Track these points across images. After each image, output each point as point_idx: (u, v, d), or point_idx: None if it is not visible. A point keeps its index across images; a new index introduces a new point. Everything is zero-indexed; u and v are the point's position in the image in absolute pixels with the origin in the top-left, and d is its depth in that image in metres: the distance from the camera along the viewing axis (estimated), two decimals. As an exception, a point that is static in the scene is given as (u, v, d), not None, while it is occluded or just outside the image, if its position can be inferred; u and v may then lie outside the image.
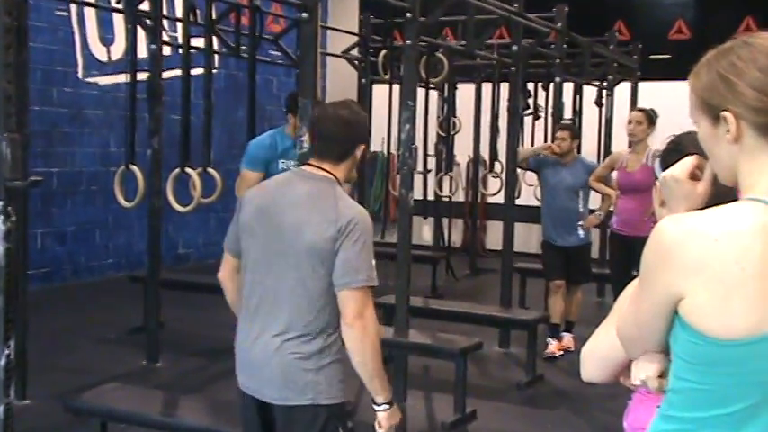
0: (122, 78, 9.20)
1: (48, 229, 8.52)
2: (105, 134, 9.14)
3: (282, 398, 2.61)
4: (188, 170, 4.60)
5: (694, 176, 1.50)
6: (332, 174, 2.65)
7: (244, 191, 4.00)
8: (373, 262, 2.58)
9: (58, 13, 8.52)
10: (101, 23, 9.06)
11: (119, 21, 9.18)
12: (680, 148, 2.09)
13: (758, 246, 1.28)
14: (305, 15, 4.28)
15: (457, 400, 4.94)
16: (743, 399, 1.30)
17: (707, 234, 1.30)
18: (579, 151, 6.94)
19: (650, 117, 6.04)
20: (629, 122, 6.09)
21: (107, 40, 9.18)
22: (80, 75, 8.91)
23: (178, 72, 6.63)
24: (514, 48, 6.67)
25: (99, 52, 9.10)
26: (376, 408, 2.64)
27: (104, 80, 9.15)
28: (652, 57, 9.99)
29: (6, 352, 2.80)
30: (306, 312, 2.58)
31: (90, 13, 8.91)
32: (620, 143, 8.11)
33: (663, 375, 1.44)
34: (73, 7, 8.56)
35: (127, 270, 9.03)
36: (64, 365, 5.87)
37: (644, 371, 1.47)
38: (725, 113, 1.36)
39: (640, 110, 6.27)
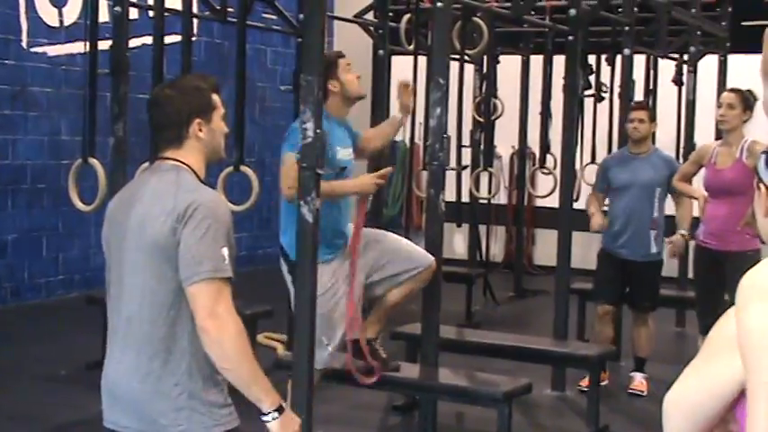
0: (78, 48, 9.25)
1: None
2: (56, 118, 9.18)
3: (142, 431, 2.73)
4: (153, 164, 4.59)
5: None
6: (178, 160, 2.79)
7: (294, 181, 4.36)
8: (224, 251, 2.64)
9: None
10: (51, -20, 9.10)
11: (74, -24, 9.24)
12: None
13: None
14: (309, -30, 4.26)
15: (500, 459, 4.92)
16: None
17: None
18: (653, 142, 6.90)
19: (746, 99, 5.98)
20: (719, 106, 6.04)
21: (59, 1, 9.21)
22: (24, 43, 8.94)
23: (148, 40, 6.65)
24: (572, 11, 6.65)
25: (48, 16, 9.15)
26: (263, 419, 2.68)
27: (55, 50, 9.19)
28: (745, 23, 9.92)
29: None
30: (161, 326, 2.68)
31: (38, -33, 8.95)
32: (705, 133, 8.09)
33: None
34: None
35: (82, 289, 9.04)
36: (5, 412, 5.86)
37: None
38: None
39: (733, 90, 6.22)
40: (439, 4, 5.15)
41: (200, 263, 2.61)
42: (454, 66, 7.31)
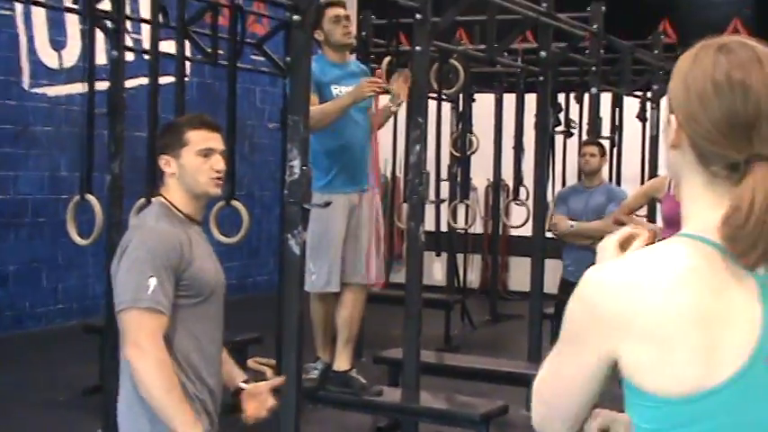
0: (76, 89, 9.24)
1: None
2: (55, 155, 9.14)
3: None
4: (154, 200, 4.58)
5: (629, 243, 1.57)
6: (161, 194, 2.87)
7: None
8: (151, 281, 2.61)
9: (1, 12, 8.55)
10: (51, 24, 9.10)
11: (72, 22, 9.20)
12: None
13: (689, 291, 1.34)
14: (296, 18, 4.29)
15: (478, 478, 4.91)
16: None
17: (633, 284, 1.36)
18: (620, 175, 6.97)
19: None
20: None
21: (58, 44, 9.20)
22: (26, 84, 8.92)
23: (143, 80, 6.65)
24: (543, 53, 6.69)
25: (48, 58, 9.13)
26: None
27: (55, 91, 9.17)
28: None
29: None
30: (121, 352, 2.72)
31: (38, 13, 8.94)
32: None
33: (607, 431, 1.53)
34: (18, 6, 8.58)
35: (80, 317, 8.97)
36: (3, 434, 5.81)
37: (588, 425, 1.54)
38: (671, 116, 1.44)
39: None
40: (418, 47, 5.18)
41: (123, 292, 2.64)
42: (432, 104, 7.35)
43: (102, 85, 6.05)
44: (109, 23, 5.70)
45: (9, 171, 8.73)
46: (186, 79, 6.08)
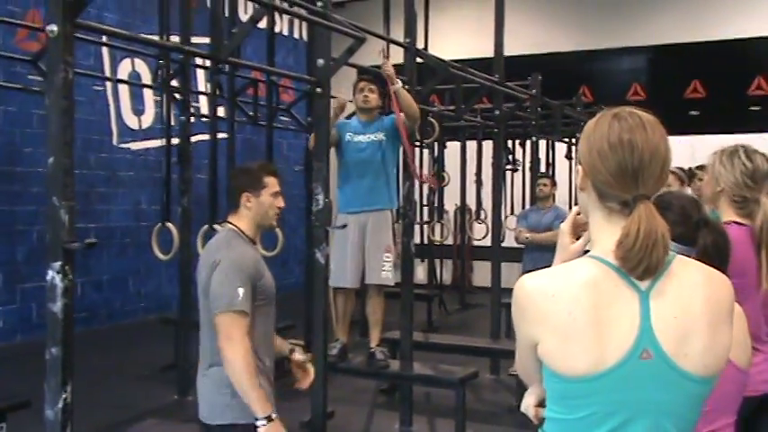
0: (152, 144, 9.26)
1: (86, 278, 8.45)
2: (137, 193, 9.14)
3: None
4: (216, 226, 4.59)
5: (578, 231, 1.58)
6: (231, 223, 2.77)
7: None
8: (240, 290, 2.56)
9: (96, 88, 8.57)
10: (132, 97, 9.12)
11: (148, 94, 9.25)
12: (663, 204, 2.09)
13: (587, 298, 1.35)
14: (318, 90, 4.29)
15: (458, 424, 4.87)
16: (598, 427, 1.36)
17: (547, 291, 1.38)
18: (554, 200, 6.98)
19: None
20: None
21: (138, 111, 9.23)
22: (114, 141, 8.93)
23: (200, 137, 6.68)
24: (497, 112, 6.71)
25: (131, 121, 9.14)
26: (257, 423, 2.60)
27: (136, 146, 9.18)
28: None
29: (64, 396, 2.75)
30: (214, 345, 2.65)
31: (123, 88, 8.97)
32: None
33: (541, 405, 1.50)
34: (108, 83, 8.61)
35: (156, 313, 8.95)
36: (104, 402, 5.77)
37: (525, 401, 1.55)
38: (579, 166, 1.46)
39: None
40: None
41: (219, 299, 2.58)
42: (416, 151, 7.36)
43: (170, 141, 6.06)
44: (177, 96, 5.75)
45: (103, 205, 8.72)
46: (225, 135, 6.08)
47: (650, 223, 1.36)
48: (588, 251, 1.48)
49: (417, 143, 7.93)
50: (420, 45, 5.50)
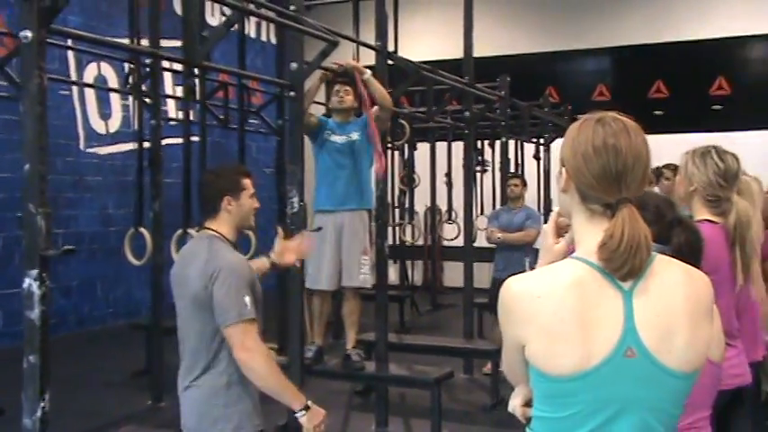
0: (119, 148, 9.17)
1: (54, 284, 8.29)
2: (104, 198, 9.04)
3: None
4: (190, 230, 4.56)
5: (561, 232, 1.61)
6: (211, 229, 2.70)
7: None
8: (246, 298, 2.54)
9: (62, 92, 8.46)
10: (99, 101, 9.01)
11: (115, 98, 9.16)
12: (638, 203, 2.14)
13: (572, 299, 1.38)
14: (292, 94, 4.29)
15: (434, 424, 4.89)
16: (585, 424, 1.40)
17: (533, 292, 1.41)
18: (524, 200, 7.04)
19: None
20: None
21: (105, 116, 9.13)
22: (81, 146, 8.82)
23: (170, 140, 6.62)
24: (467, 113, 6.76)
25: (98, 126, 9.04)
26: (296, 416, 2.62)
27: (103, 150, 9.08)
28: (578, 116, 10.14)
29: (42, 404, 2.73)
30: (208, 355, 2.60)
31: (90, 93, 8.86)
32: (557, 194, 8.22)
33: (528, 404, 1.54)
34: (74, 88, 8.51)
35: (125, 318, 8.87)
36: (77, 409, 5.70)
37: (512, 402, 1.59)
38: (563, 168, 1.49)
39: None
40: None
41: (228, 311, 2.52)
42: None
43: (136, 146, 5.97)
44: (147, 100, 5.70)
45: (70, 210, 8.61)
46: (195, 138, 6.04)
47: (633, 226, 1.40)
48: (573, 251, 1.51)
49: (388, 145, 7.97)
50: (390, 47, 5.52)
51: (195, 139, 5.94)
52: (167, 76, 9.01)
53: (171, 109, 8.86)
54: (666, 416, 1.44)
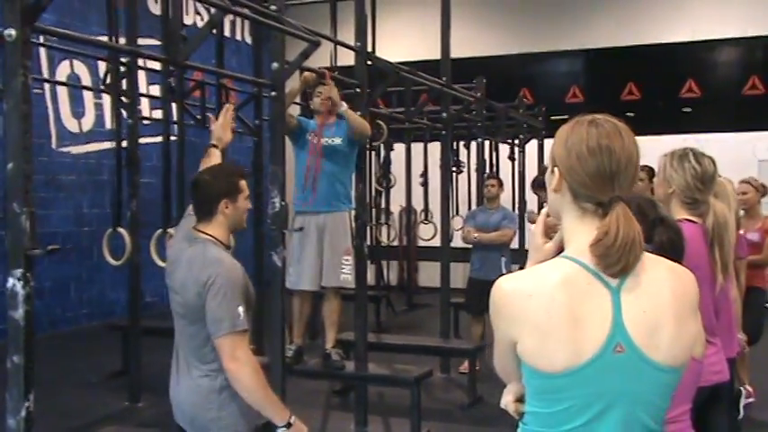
0: (92, 147, 9.09)
1: (27, 285, 8.22)
2: (78, 197, 8.95)
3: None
4: (169, 230, 4.53)
5: (550, 232, 1.63)
6: (207, 233, 2.64)
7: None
8: (240, 308, 2.50)
9: (35, 91, 8.35)
10: (72, 99, 8.92)
11: (88, 97, 9.07)
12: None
13: (562, 297, 1.42)
14: (273, 93, 4.28)
15: (413, 423, 4.93)
16: (577, 418, 1.44)
17: (524, 291, 1.44)
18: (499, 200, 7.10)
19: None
20: None
21: (78, 114, 9.03)
22: (54, 145, 8.72)
23: (147, 139, 6.55)
24: (444, 114, 6.80)
25: (71, 124, 8.94)
26: (279, 431, 2.59)
27: (76, 149, 8.98)
28: (554, 117, 10.26)
29: (26, 404, 2.71)
30: (200, 358, 2.60)
31: (62, 91, 8.77)
32: (530, 194, 8.33)
33: (521, 400, 1.55)
34: (46, 85, 8.41)
35: (99, 319, 8.79)
36: (54, 410, 5.63)
37: (504, 399, 1.60)
38: (556, 168, 1.52)
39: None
40: (359, 112, 5.22)
41: (220, 321, 2.49)
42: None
43: (110, 145, 5.89)
44: (124, 98, 5.66)
45: (43, 210, 8.49)
46: (173, 138, 6.02)
47: (628, 224, 1.44)
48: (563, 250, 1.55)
49: (366, 146, 7.98)
50: (368, 48, 5.54)
51: (172, 138, 5.91)
52: (141, 75, 8.93)
53: (144, 108, 8.78)
54: (655, 409, 1.48)
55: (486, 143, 8.69)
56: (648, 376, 1.44)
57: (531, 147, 9.72)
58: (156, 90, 8.82)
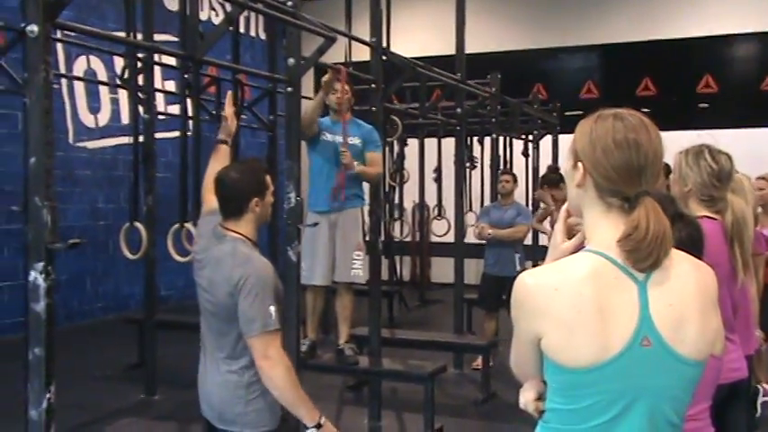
0: (108, 142, 9.14)
1: (43, 278, 8.29)
2: (94, 192, 9.02)
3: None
4: (186, 225, 4.56)
5: (570, 232, 1.62)
6: (236, 231, 2.64)
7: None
8: (272, 308, 2.52)
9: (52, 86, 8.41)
10: (89, 94, 8.98)
11: (104, 92, 9.13)
12: None
13: (589, 291, 1.41)
14: (289, 89, 4.31)
15: (427, 419, 4.94)
16: (603, 414, 1.43)
17: (549, 285, 1.43)
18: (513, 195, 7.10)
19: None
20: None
21: (94, 109, 9.09)
22: (71, 140, 8.79)
23: (162, 134, 6.57)
24: (459, 110, 6.81)
25: (87, 120, 9.01)
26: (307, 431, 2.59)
27: (92, 144, 9.05)
28: (567, 113, 10.24)
29: (47, 396, 2.75)
30: (229, 355, 2.61)
31: (79, 86, 8.83)
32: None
33: (541, 398, 1.54)
34: (63, 80, 8.48)
35: (114, 312, 8.86)
36: (70, 403, 5.63)
37: (523, 397, 1.57)
38: (580, 163, 1.50)
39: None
40: (374, 108, 5.26)
41: (253, 321, 2.50)
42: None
43: (125, 140, 5.91)
44: (141, 94, 5.69)
45: (60, 205, 8.51)
46: (189, 134, 6.08)
47: (657, 218, 1.44)
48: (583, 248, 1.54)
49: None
50: (383, 43, 5.55)
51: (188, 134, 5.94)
52: (156, 71, 8.97)
53: (159, 103, 8.82)
54: (679, 403, 1.48)
55: (501, 139, 8.71)
56: (674, 370, 1.44)
57: (546, 142, 9.71)
58: (171, 85, 8.89)
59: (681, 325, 1.45)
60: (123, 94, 8.82)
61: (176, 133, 6.08)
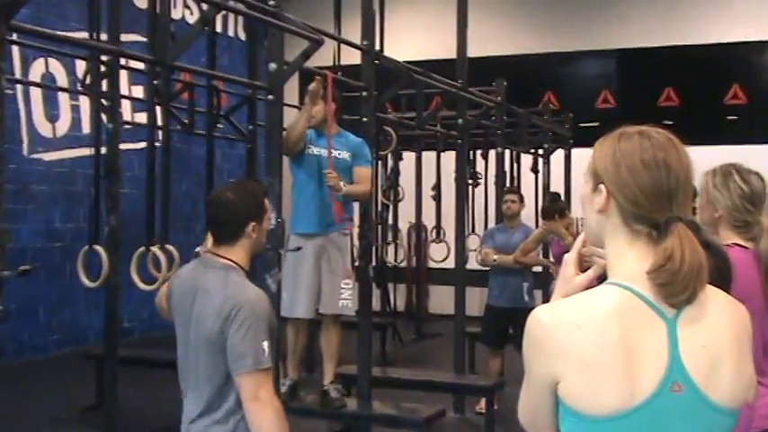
0: (67, 154, 9.12)
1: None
2: (50, 210, 8.98)
3: None
4: (153, 249, 4.53)
5: (583, 263, 1.60)
6: (228, 258, 2.63)
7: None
8: (265, 344, 2.51)
9: (6, 91, 8.39)
10: (46, 101, 8.97)
11: (64, 98, 9.12)
12: None
13: (615, 329, 1.38)
14: (270, 97, 4.31)
15: (423, 470, 4.93)
16: None
17: (570, 322, 1.40)
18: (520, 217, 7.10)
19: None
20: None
21: (52, 117, 9.08)
22: (25, 151, 8.76)
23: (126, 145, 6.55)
24: (460, 120, 6.82)
25: (44, 129, 8.98)
26: None
27: (49, 156, 9.02)
28: (581, 125, 10.28)
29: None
30: (214, 396, 2.59)
31: (35, 92, 8.82)
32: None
33: None
34: (18, 86, 8.47)
35: (72, 346, 8.78)
36: (17, 449, 5.65)
37: None
38: (602, 186, 1.48)
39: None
40: (365, 118, 5.26)
41: (243, 357, 2.49)
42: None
43: (86, 151, 5.86)
44: (104, 101, 5.67)
45: (11, 224, 8.46)
46: (157, 144, 6.06)
47: (693, 247, 1.41)
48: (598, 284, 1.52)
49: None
50: (376, 46, 5.57)
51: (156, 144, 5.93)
52: (123, 75, 8.98)
53: (125, 111, 8.82)
54: None
55: (507, 153, 8.73)
56: (706, 419, 1.42)
57: (557, 157, 9.73)
58: (138, 91, 8.88)
59: (715, 369, 1.42)
60: (85, 101, 8.81)
61: (143, 144, 6.08)
